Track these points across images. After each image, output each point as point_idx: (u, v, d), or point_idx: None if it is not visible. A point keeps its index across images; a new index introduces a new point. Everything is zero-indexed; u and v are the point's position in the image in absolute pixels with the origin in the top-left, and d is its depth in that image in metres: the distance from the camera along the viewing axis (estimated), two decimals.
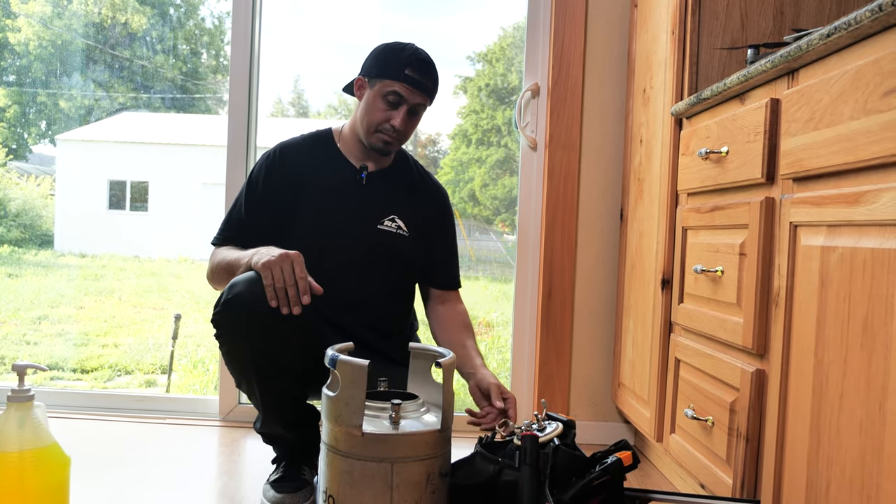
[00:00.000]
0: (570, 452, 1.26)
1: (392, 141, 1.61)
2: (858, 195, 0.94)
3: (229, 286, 1.44)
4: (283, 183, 1.63)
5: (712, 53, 1.62)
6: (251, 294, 1.39)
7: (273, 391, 1.50)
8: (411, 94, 1.57)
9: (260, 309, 1.38)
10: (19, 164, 6.96)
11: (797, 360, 1.09)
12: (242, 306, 1.40)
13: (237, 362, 1.48)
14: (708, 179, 1.46)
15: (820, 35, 1.03)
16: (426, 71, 1.58)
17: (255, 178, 1.65)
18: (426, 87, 1.59)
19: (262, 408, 1.54)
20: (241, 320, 1.41)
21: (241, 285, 1.42)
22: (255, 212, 1.63)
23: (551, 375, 2.19)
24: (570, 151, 2.17)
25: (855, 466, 0.92)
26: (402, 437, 1.17)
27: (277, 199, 1.62)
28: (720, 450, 1.35)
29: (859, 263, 0.93)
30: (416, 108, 1.60)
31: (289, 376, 1.49)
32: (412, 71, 1.56)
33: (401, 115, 1.58)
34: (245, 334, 1.42)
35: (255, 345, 1.42)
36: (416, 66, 1.57)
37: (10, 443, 1.17)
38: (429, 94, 1.60)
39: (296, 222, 1.61)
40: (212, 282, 1.64)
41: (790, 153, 1.12)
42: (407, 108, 1.58)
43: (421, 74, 1.57)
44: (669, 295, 1.68)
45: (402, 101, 1.57)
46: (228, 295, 1.42)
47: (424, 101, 1.60)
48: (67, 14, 6.66)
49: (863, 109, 0.93)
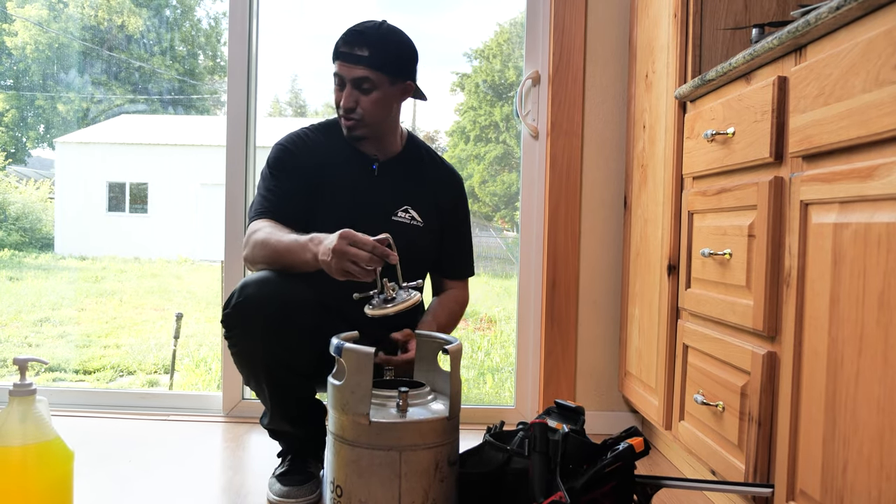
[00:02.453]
0: (579, 439, 1.25)
1: (351, 125, 1.54)
2: (872, 169, 0.92)
3: (241, 287, 1.42)
4: (301, 168, 1.58)
5: (715, 35, 1.60)
6: (263, 296, 1.38)
7: (283, 390, 1.48)
8: (346, 68, 1.50)
9: (272, 311, 1.37)
10: (18, 167, 6.95)
11: (810, 339, 1.07)
12: (255, 308, 1.38)
13: (248, 362, 1.47)
14: (714, 161, 1.44)
15: (829, 8, 1.01)
16: (358, 40, 1.49)
17: (272, 166, 1.59)
18: (361, 58, 1.48)
19: (270, 405, 1.53)
20: (255, 322, 1.39)
21: (253, 286, 1.40)
22: (283, 189, 1.56)
23: (557, 366, 2.17)
24: (572, 139, 2.15)
25: (873, 445, 0.90)
26: (409, 424, 1.15)
27: (298, 183, 1.57)
28: (731, 435, 1.33)
29: (874, 239, 0.91)
30: (358, 81, 1.50)
31: (299, 375, 1.47)
32: (342, 45, 1.50)
33: (346, 95, 1.51)
34: (258, 336, 1.40)
35: (267, 346, 1.41)
36: (346, 39, 1.50)
37: (14, 437, 1.15)
38: (369, 63, 1.49)
39: (313, 214, 1.58)
40: (251, 260, 1.51)
41: (799, 130, 1.11)
42: (350, 85, 1.51)
43: (351, 46, 1.49)
44: (676, 280, 1.67)
45: (342, 79, 1.51)
46: (240, 297, 1.40)
47: (366, 73, 1.49)
48: (64, 17, 6.64)
49: (875, 81, 0.91)
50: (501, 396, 3.86)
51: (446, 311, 1.63)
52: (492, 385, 4.00)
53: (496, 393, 3.92)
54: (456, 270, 1.74)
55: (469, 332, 5.00)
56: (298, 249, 1.37)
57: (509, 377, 3.83)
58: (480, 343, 4.76)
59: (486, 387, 4.00)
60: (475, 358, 4.43)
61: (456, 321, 1.70)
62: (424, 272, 1.70)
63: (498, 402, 3.79)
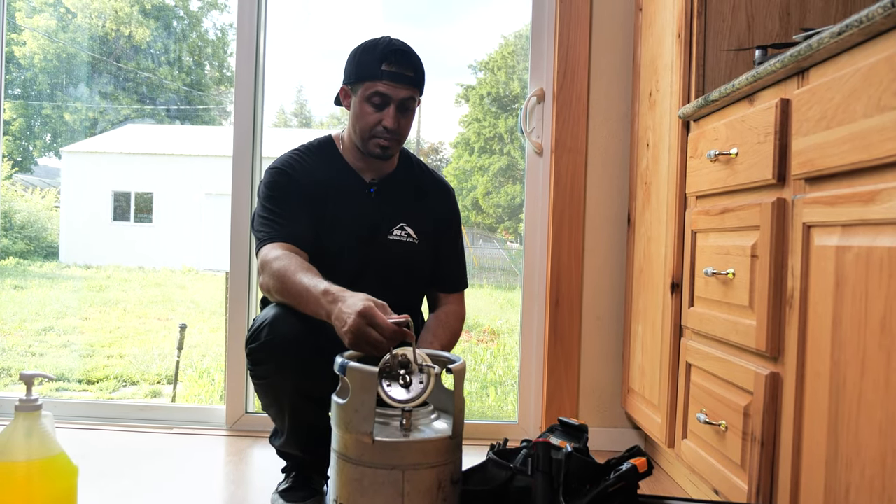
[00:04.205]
0: (583, 459, 1.24)
1: (389, 144, 1.53)
2: (873, 193, 0.92)
3: (271, 321, 1.41)
4: (299, 191, 1.56)
5: (719, 55, 1.62)
6: (294, 333, 1.39)
7: (303, 421, 1.50)
8: (394, 89, 1.48)
9: (303, 351, 1.38)
10: (25, 176, 6.99)
11: (813, 361, 1.07)
12: (286, 346, 1.39)
13: (274, 395, 1.48)
14: (717, 181, 1.45)
15: (831, 33, 1.02)
16: (404, 61, 1.49)
17: (271, 188, 1.57)
18: (409, 78, 1.49)
19: (287, 432, 1.53)
20: (286, 363, 1.40)
21: (282, 322, 1.40)
22: (286, 210, 1.54)
23: (560, 382, 2.17)
24: (576, 156, 2.16)
25: (875, 468, 0.90)
26: (413, 443, 1.16)
27: (298, 204, 1.56)
28: (734, 454, 1.33)
29: (876, 263, 0.91)
30: (405, 102, 1.50)
31: (320, 407, 1.48)
32: (389, 65, 1.47)
33: (391, 115, 1.49)
34: (288, 375, 1.42)
35: (296, 382, 1.42)
36: (393, 59, 1.47)
37: (18, 452, 1.16)
38: (414, 84, 1.50)
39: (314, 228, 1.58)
40: (268, 290, 1.45)
41: (802, 153, 1.11)
42: (395, 105, 1.49)
43: (399, 66, 1.48)
44: (679, 299, 1.67)
45: (388, 99, 1.49)
46: (270, 335, 1.40)
47: (412, 93, 1.50)
48: (72, 27, 6.70)
49: (876, 107, 0.92)
50: (504, 410, 3.85)
51: (448, 330, 1.62)
52: (495, 398, 4.00)
53: (499, 406, 3.91)
54: (452, 283, 1.73)
55: (472, 345, 5.00)
56: (311, 301, 1.33)
57: (512, 390, 3.82)
58: (483, 356, 4.76)
59: (489, 400, 4.00)
60: (478, 371, 4.43)
61: (457, 338, 1.69)
62: (421, 288, 1.70)
63: (501, 415, 3.78)
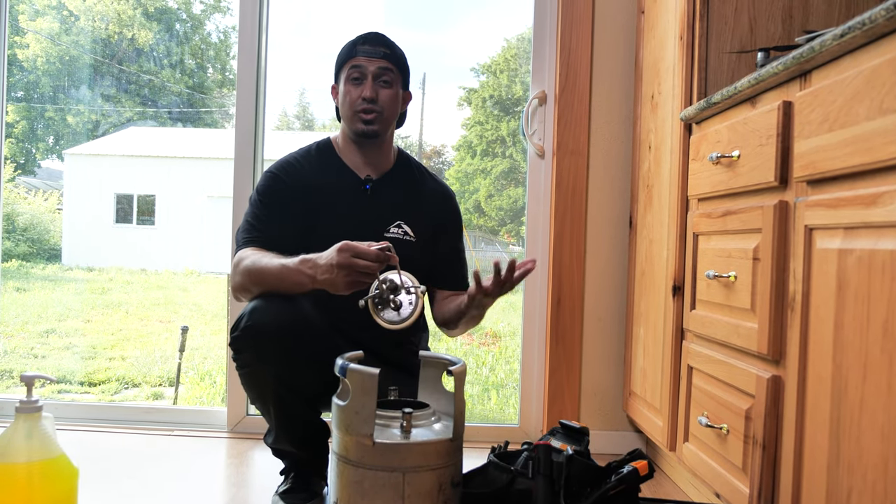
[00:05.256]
0: (584, 462, 1.24)
1: (372, 118, 1.57)
2: (876, 196, 0.92)
3: (251, 310, 1.42)
4: (291, 196, 1.59)
5: (721, 58, 1.61)
6: (273, 320, 1.38)
7: (289, 412, 1.49)
8: (369, 61, 1.56)
9: (283, 336, 1.38)
10: (27, 178, 7.01)
11: (815, 365, 1.07)
12: (265, 333, 1.39)
13: (256, 385, 1.48)
14: (719, 184, 1.44)
15: (833, 35, 1.02)
16: (378, 40, 1.58)
17: (262, 193, 1.61)
18: (382, 53, 1.58)
19: (276, 426, 1.53)
20: (265, 347, 1.40)
21: (263, 310, 1.40)
22: (271, 218, 1.59)
23: (561, 384, 2.17)
24: (578, 158, 2.16)
25: (877, 472, 0.90)
26: (413, 446, 1.15)
27: (287, 212, 1.60)
28: (736, 458, 1.33)
29: (878, 265, 0.91)
30: (382, 73, 1.57)
31: (306, 398, 1.48)
32: (363, 44, 1.58)
33: (368, 86, 1.56)
34: (268, 360, 1.41)
35: (277, 370, 1.42)
36: (365, 39, 1.58)
37: (19, 454, 1.16)
38: (388, 58, 1.58)
39: (305, 235, 1.59)
40: (241, 288, 1.51)
41: (804, 155, 1.11)
42: (371, 76, 1.56)
43: (373, 45, 1.58)
44: (681, 301, 1.67)
45: (364, 71, 1.56)
46: (249, 321, 1.40)
47: (387, 65, 1.58)
48: (75, 30, 6.72)
49: (879, 109, 0.92)
50: (506, 413, 3.84)
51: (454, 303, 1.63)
52: (496, 401, 3.99)
53: (500, 409, 3.91)
54: (454, 282, 1.73)
55: (474, 347, 5.00)
56: (290, 273, 1.38)
57: (514, 393, 3.81)
58: (485, 358, 4.76)
59: (491, 402, 3.99)
60: (480, 373, 4.42)
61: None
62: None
63: (502, 418, 3.78)
